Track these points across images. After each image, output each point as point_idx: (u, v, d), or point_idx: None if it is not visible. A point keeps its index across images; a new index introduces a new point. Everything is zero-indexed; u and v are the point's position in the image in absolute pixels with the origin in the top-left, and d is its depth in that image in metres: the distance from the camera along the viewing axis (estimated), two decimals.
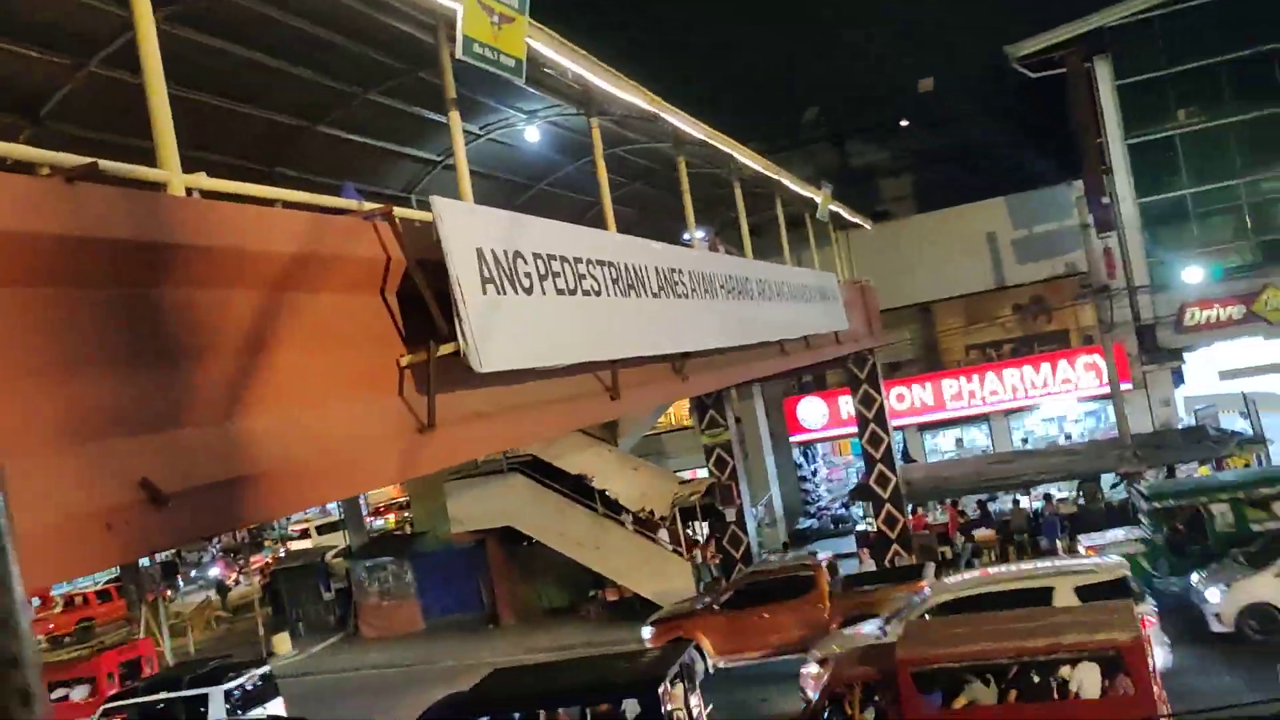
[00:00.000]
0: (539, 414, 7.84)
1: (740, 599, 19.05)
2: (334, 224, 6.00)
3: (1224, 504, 18.43)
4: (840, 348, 20.04)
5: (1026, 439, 29.36)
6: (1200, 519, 18.56)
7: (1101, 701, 11.53)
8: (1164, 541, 18.77)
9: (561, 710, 13.72)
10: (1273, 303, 26.28)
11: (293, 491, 5.25)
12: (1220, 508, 18.43)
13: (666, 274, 10.35)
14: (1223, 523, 18.33)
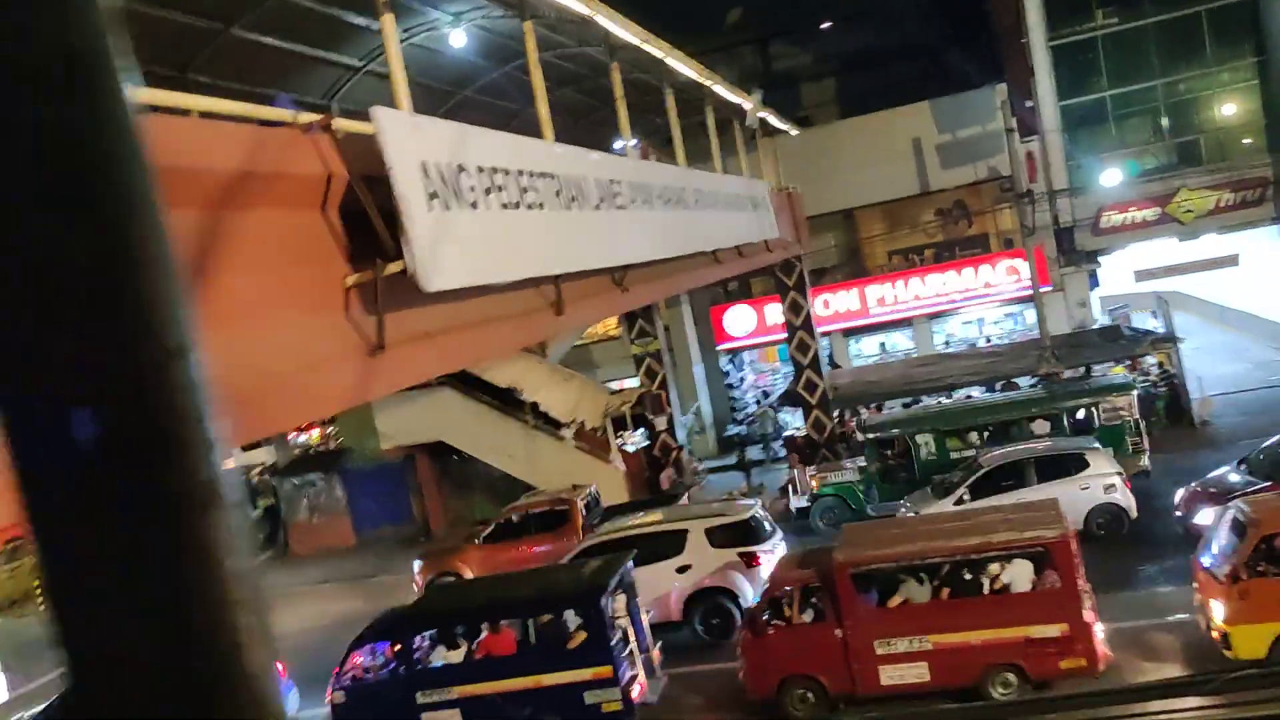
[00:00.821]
0: (486, 332, 7.65)
1: (501, 532, 19.65)
2: (274, 138, 5.66)
3: (927, 434, 19.39)
4: (771, 255, 20.04)
5: (948, 342, 29.91)
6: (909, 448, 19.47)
7: (1031, 594, 11.97)
8: (877, 470, 19.74)
9: (504, 623, 13.81)
10: (1186, 204, 26.93)
11: (243, 422, 5.03)
12: (924, 438, 19.35)
13: (605, 185, 10.11)
14: (926, 452, 19.26)
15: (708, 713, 13.71)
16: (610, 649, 13.07)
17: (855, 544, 12.87)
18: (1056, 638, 11.74)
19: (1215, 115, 27.59)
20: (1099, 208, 27.56)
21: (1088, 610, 11.71)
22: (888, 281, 29.22)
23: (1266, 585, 11.22)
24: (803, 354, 24.78)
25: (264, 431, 5.21)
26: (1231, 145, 27.23)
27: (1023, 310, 29.29)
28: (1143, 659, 12.47)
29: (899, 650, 12.24)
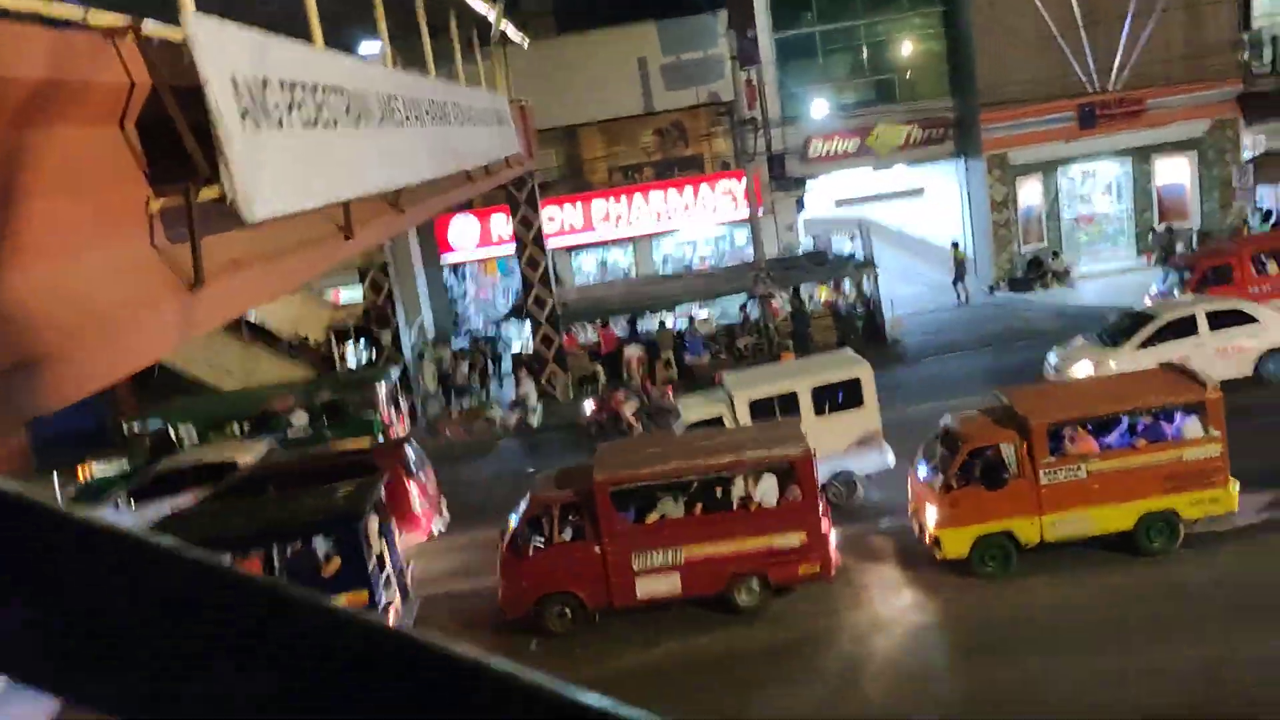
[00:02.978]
0: (290, 259, 7.13)
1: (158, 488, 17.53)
2: (75, 43, 4.93)
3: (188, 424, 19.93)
4: (511, 171, 19.81)
5: (667, 260, 30.93)
6: None
7: (776, 507, 12.90)
8: None
9: (252, 551, 13.17)
10: (882, 137, 29.15)
11: (54, 379, 4.43)
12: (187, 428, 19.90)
13: (385, 101, 9.59)
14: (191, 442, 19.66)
15: (462, 634, 13.79)
16: (368, 574, 12.82)
17: (613, 463, 13.25)
18: (797, 547, 12.76)
19: (908, 57, 29.86)
20: (807, 137, 29.26)
21: (825, 521, 12.79)
22: (611, 198, 29.63)
23: (971, 494, 12.72)
24: (533, 269, 24.81)
25: (82, 388, 4.50)
26: (921, 86, 29.62)
27: (732, 232, 30.77)
28: (865, 560, 13.82)
29: (654, 564, 12.86)
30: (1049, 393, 13.83)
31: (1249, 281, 20.65)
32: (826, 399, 15.86)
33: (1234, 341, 17.85)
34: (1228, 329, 17.94)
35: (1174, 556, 12.55)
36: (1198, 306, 18.46)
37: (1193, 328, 17.99)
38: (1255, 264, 21.09)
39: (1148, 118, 27.25)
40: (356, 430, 19.68)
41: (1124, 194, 28.74)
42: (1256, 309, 18.36)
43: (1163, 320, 18.29)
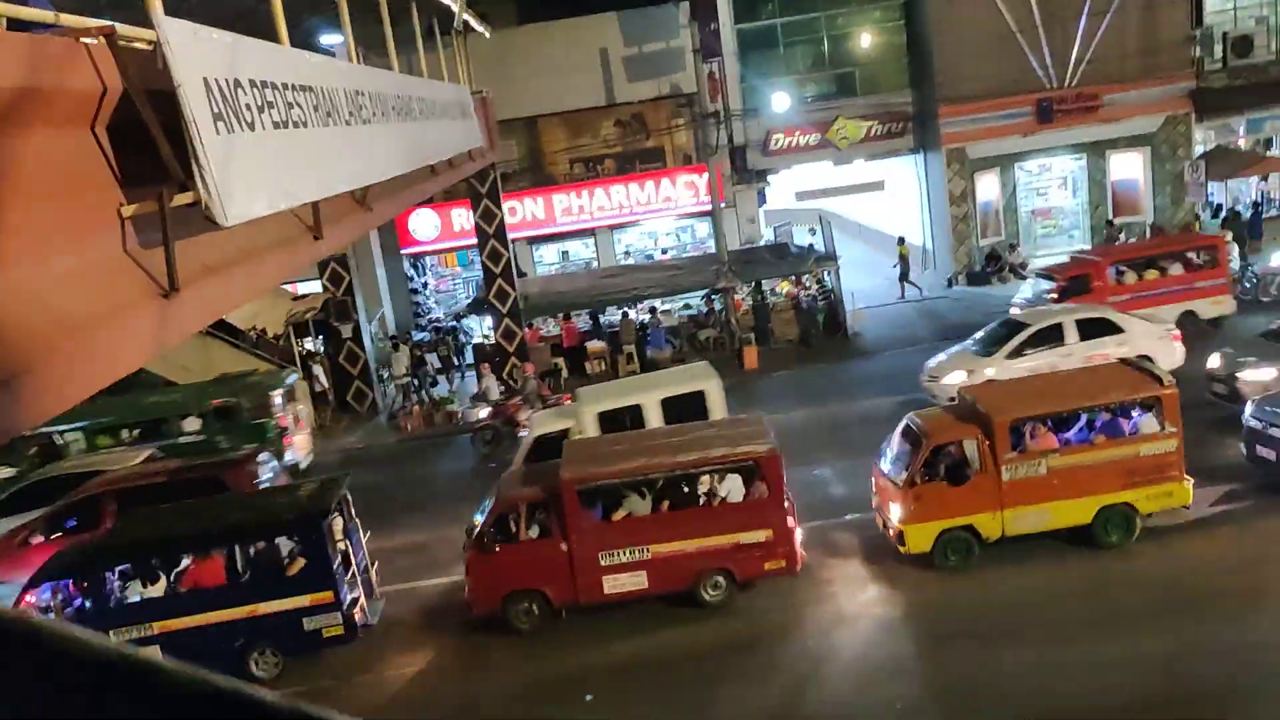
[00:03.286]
0: (262, 262, 7.04)
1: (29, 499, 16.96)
2: (47, 47, 4.84)
3: (78, 434, 19.81)
4: (473, 164, 19.69)
5: (628, 252, 30.94)
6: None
7: (742, 504, 12.97)
8: None
9: (214, 553, 13.03)
10: (842, 131, 29.33)
11: (33, 393, 4.36)
12: (74, 436, 19.75)
13: (353, 97, 9.50)
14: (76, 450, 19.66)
15: (427, 631, 13.76)
16: (332, 574, 12.75)
17: (580, 461, 13.26)
18: (762, 542, 12.85)
19: (868, 51, 30.04)
20: (768, 130, 29.38)
21: (790, 517, 12.89)
22: (573, 191, 29.58)
23: (934, 489, 12.88)
24: (494, 262, 24.69)
25: (61, 402, 4.42)
26: (880, 80, 29.84)
27: (693, 224, 30.85)
28: (828, 555, 13.96)
29: (621, 561, 12.89)
30: (1011, 389, 14.01)
31: (1108, 292, 20.80)
32: (675, 411, 15.86)
33: (1101, 350, 17.82)
34: (1096, 338, 18.13)
35: (1131, 550, 12.80)
36: (1066, 316, 18.67)
37: (1061, 337, 18.25)
38: (1115, 274, 21.35)
39: (1103, 113, 27.67)
40: (249, 436, 19.41)
41: (1079, 188, 29.19)
42: (1123, 318, 18.55)
43: (1033, 329, 18.47)
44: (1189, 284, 21.24)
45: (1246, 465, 14.09)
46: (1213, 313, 21.15)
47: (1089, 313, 18.84)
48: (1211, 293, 21.26)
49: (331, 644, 12.89)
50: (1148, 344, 18.04)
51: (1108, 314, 18.72)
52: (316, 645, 12.90)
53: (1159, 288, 21.12)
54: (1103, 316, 18.62)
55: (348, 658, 13.06)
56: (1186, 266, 21.42)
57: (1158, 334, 18.41)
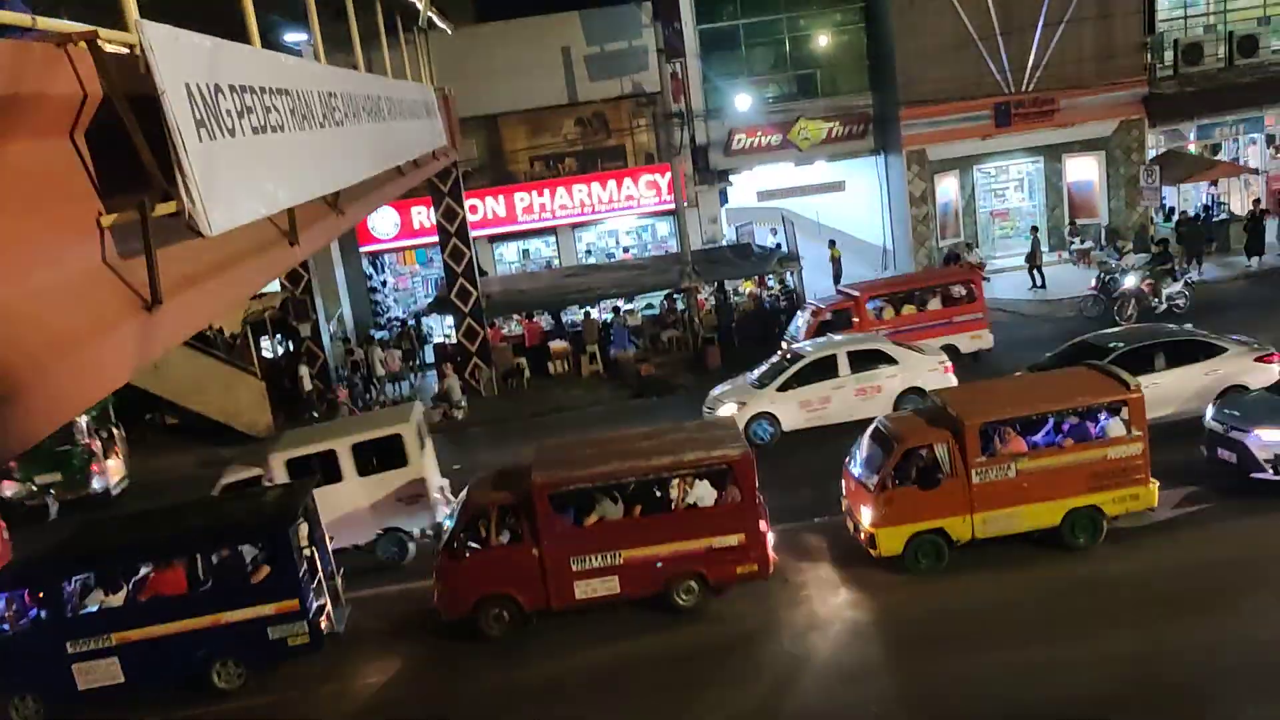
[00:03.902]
0: (239, 270, 6.86)
1: None
2: (30, 52, 4.65)
3: None
4: (438, 163, 19.46)
5: (590, 251, 30.82)
6: None
7: (715, 508, 12.94)
8: None
9: (175, 561, 12.74)
10: (804, 132, 29.42)
11: (23, 413, 4.18)
12: None
13: (327, 100, 9.32)
14: None
15: (394, 639, 13.58)
16: (298, 581, 12.53)
17: (552, 464, 13.14)
18: (735, 546, 12.83)
19: (830, 53, 30.16)
20: (730, 130, 29.39)
21: (762, 521, 12.89)
22: (534, 190, 29.40)
23: (906, 493, 12.94)
24: (456, 261, 24.45)
25: (50, 423, 4.24)
26: (842, 82, 29.97)
27: (654, 223, 30.80)
28: (800, 559, 13.97)
29: (593, 566, 12.81)
30: (981, 393, 14.12)
31: (867, 325, 20.88)
32: (368, 457, 15.46)
33: (874, 382, 18.17)
34: (869, 370, 18.29)
35: (1098, 552, 12.95)
36: (839, 347, 18.68)
37: (834, 369, 18.30)
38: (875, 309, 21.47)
39: (1059, 117, 28.03)
40: (50, 464, 18.93)
41: (1036, 190, 29.55)
42: (897, 350, 18.62)
43: (805, 361, 18.48)
44: (948, 318, 21.33)
45: (1207, 466, 14.32)
46: (971, 347, 21.15)
47: (863, 344, 18.87)
48: (970, 327, 21.31)
49: (297, 653, 12.67)
50: (920, 376, 18.21)
51: (881, 345, 18.75)
52: (281, 655, 12.66)
53: (918, 322, 21.21)
54: (876, 348, 18.65)
55: (313, 667, 12.85)
56: (945, 301, 21.53)
57: (930, 365, 18.47)
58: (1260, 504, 13.43)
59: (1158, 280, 22.92)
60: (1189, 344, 16.24)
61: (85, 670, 12.30)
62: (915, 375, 18.31)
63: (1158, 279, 22.94)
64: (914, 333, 20.63)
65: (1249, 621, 11.21)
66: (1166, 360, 15.93)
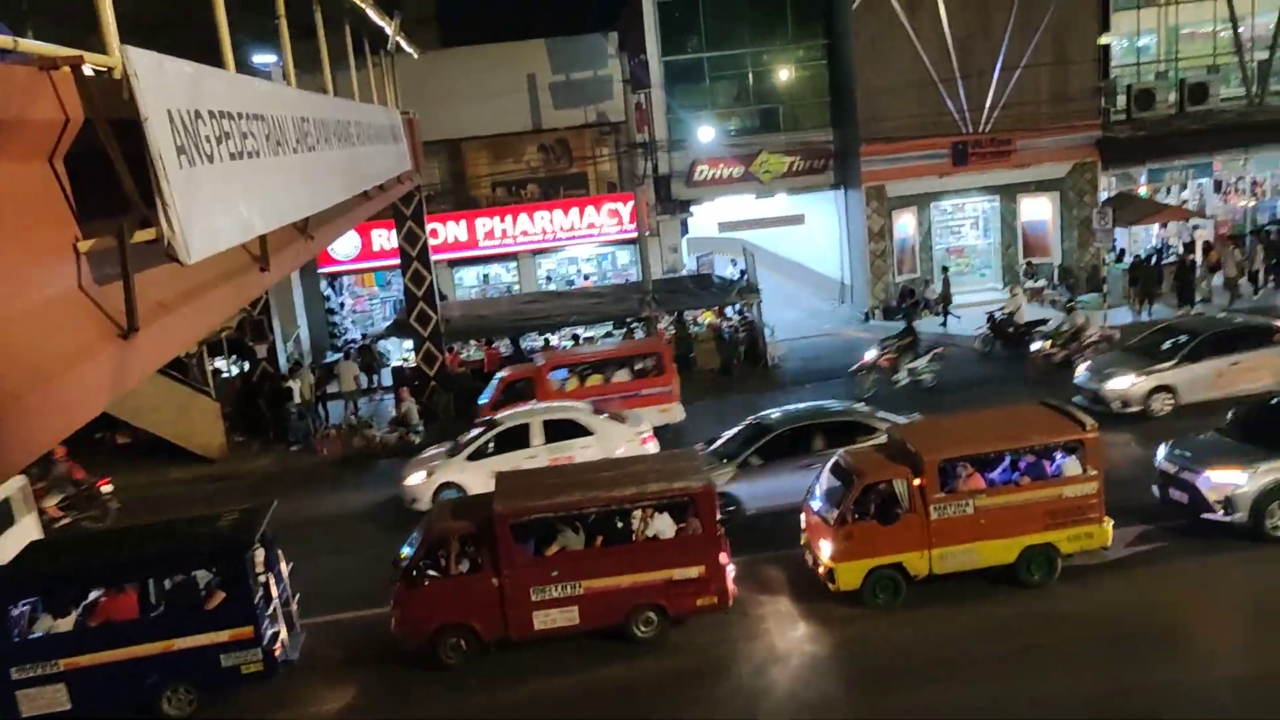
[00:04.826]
0: (212, 297, 6.80)
1: None
2: (13, 76, 4.62)
3: None
4: (403, 187, 19.42)
5: (549, 277, 30.84)
6: None
7: (676, 539, 12.95)
8: None
9: (127, 586, 12.50)
10: (765, 166, 29.73)
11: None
12: None
13: (300, 125, 9.30)
14: None
15: (350, 666, 13.40)
16: (254, 608, 12.34)
17: (514, 494, 13.09)
18: (695, 578, 12.85)
19: (792, 88, 30.57)
20: (693, 161, 29.62)
21: (723, 553, 12.92)
22: (497, 215, 29.41)
23: (865, 528, 13.05)
24: (417, 285, 24.35)
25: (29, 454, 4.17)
26: (803, 117, 30.34)
27: (614, 251, 30.92)
28: (759, 592, 14.01)
29: (553, 596, 12.75)
30: (939, 429, 14.29)
31: (550, 397, 20.04)
32: None
33: (567, 453, 17.53)
34: (564, 440, 17.72)
35: (1052, 590, 13.13)
36: (534, 416, 18.06)
37: (527, 439, 17.73)
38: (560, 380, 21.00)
39: (1015, 158, 28.61)
40: None
41: (991, 229, 30.07)
42: (593, 420, 18.08)
43: (500, 428, 17.95)
44: (635, 391, 20.69)
45: (1160, 506, 14.60)
46: (660, 420, 20.18)
47: (558, 414, 18.25)
48: (658, 400, 20.63)
49: (250, 681, 12.47)
50: (618, 448, 17.59)
51: (578, 416, 18.20)
52: (235, 682, 12.45)
53: (604, 394, 20.39)
54: (571, 418, 18.11)
55: (267, 695, 12.64)
56: (634, 373, 21.04)
57: (628, 436, 17.97)
58: (1211, 544, 13.72)
59: (899, 355, 22.49)
60: (846, 425, 16.09)
61: (30, 697, 12.00)
62: (611, 447, 17.65)
63: (899, 354, 22.49)
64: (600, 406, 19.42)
65: (1201, 662, 11.44)
66: (825, 442, 15.78)
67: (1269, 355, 18.81)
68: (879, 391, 21.75)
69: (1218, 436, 14.88)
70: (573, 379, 21.19)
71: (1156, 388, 18.95)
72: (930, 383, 22.21)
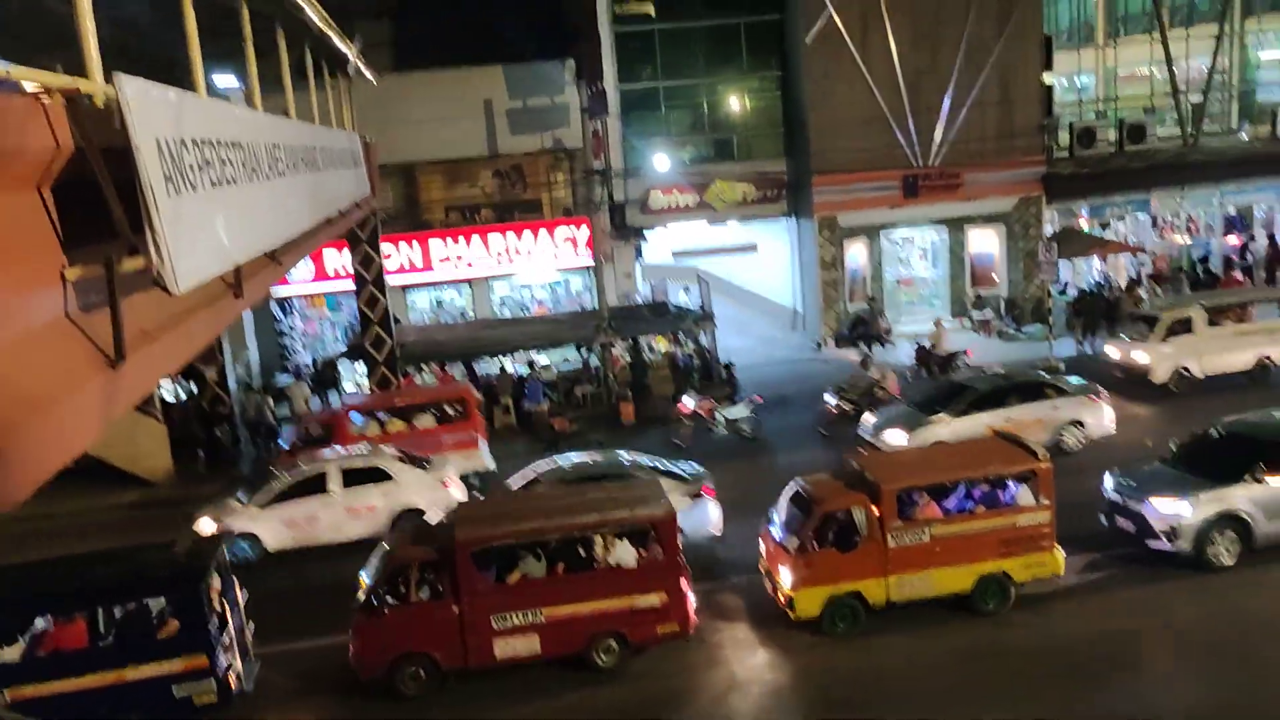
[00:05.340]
0: (191, 324, 6.76)
1: None
2: (10, 104, 4.60)
3: None
4: (361, 211, 19.33)
5: (504, 302, 30.79)
6: None
7: (638, 567, 12.99)
8: None
9: (78, 614, 12.23)
10: (719, 194, 30.04)
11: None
12: None
13: (273, 151, 9.28)
14: None
15: (306, 696, 13.22)
16: (208, 637, 12.14)
17: (475, 521, 13.05)
18: (657, 606, 12.89)
19: (746, 118, 30.99)
20: (648, 188, 29.84)
21: (684, 580, 12.98)
22: (450, 238, 29.33)
23: (824, 556, 13.20)
24: (371, 309, 24.18)
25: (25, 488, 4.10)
26: (757, 146, 30.75)
27: (568, 277, 30.95)
28: (718, 619, 14.08)
29: (514, 624, 12.71)
30: (897, 459, 14.52)
31: (348, 441, 19.73)
32: None
33: (366, 501, 17.15)
34: (362, 485, 17.23)
35: (1007, 617, 13.38)
36: (333, 463, 17.49)
37: (324, 485, 17.18)
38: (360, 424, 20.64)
39: (963, 191, 29.23)
40: None
41: (940, 260, 30.64)
42: (395, 466, 17.58)
43: (297, 477, 17.38)
44: (438, 437, 20.13)
45: (1107, 534, 14.95)
46: (467, 468, 19.59)
47: (358, 460, 17.72)
48: (463, 446, 20.08)
49: (204, 712, 12.25)
50: (419, 495, 17.24)
51: (380, 462, 17.69)
52: (187, 714, 12.22)
53: (406, 440, 19.81)
54: (372, 464, 17.60)
55: None
56: (438, 419, 20.57)
57: (429, 482, 17.51)
58: (1157, 572, 14.09)
59: (717, 404, 22.29)
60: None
61: None
62: (412, 494, 17.27)
63: (718, 403, 22.32)
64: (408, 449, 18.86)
65: (1148, 690, 11.72)
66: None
67: (1040, 410, 19.09)
68: (694, 442, 21.43)
69: (1162, 467, 15.28)
70: (375, 424, 20.65)
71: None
72: (750, 433, 21.78)
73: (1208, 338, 22.21)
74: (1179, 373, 22.13)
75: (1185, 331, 22.16)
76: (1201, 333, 22.21)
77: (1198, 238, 32.15)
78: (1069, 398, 19.43)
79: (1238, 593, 13.55)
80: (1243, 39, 34.17)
